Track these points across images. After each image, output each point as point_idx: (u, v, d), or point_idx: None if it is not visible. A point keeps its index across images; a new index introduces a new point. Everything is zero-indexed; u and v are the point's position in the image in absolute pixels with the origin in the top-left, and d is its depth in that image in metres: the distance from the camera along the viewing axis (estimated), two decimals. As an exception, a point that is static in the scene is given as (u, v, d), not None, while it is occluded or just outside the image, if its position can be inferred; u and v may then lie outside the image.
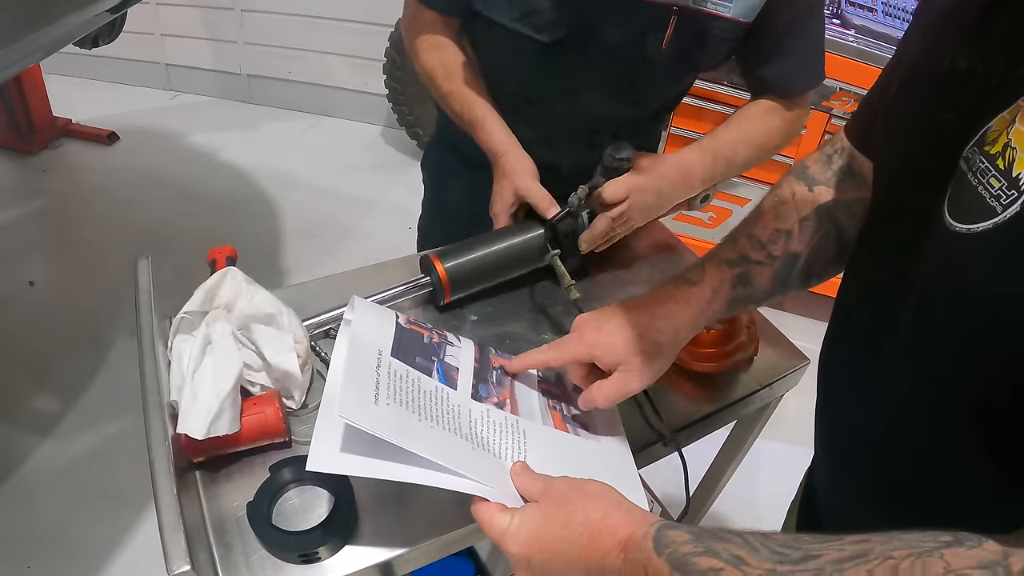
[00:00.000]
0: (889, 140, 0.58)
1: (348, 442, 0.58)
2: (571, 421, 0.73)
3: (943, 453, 0.49)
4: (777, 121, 1.00)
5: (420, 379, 0.67)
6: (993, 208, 0.40)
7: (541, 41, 0.92)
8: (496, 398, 0.71)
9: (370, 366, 0.64)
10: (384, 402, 0.60)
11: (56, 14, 1.30)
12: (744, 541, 0.44)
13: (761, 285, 0.70)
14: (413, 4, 1.01)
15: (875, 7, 1.92)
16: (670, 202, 0.97)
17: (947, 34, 0.50)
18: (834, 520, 0.65)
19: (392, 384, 0.63)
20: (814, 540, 0.43)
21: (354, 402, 0.58)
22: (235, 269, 0.82)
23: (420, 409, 0.63)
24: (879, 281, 0.53)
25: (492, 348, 0.80)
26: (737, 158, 0.99)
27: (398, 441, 0.56)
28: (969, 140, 0.44)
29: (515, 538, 0.53)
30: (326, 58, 3.13)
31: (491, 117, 0.98)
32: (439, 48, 1.01)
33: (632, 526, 0.50)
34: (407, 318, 0.77)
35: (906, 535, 0.40)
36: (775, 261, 0.70)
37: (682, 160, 0.95)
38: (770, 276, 0.70)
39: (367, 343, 0.67)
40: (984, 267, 0.41)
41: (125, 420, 1.83)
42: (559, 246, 0.92)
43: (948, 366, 0.46)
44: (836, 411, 0.62)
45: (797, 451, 0.74)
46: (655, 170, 0.92)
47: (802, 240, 0.69)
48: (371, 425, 0.56)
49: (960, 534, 0.38)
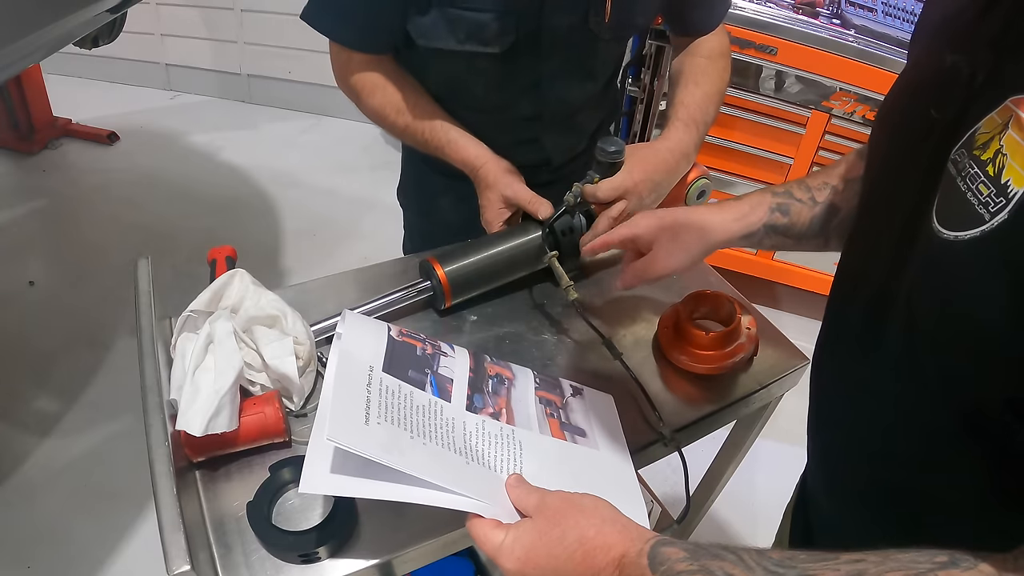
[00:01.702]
0: (880, 138, 0.58)
1: (339, 463, 0.57)
2: (569, 428, 0.73)
3: (935, 461, 0.48)
4: (721, 61, 1.06)
5: (413, 394, 0.67)
6: (981, 216, 0.40)
7: (493, 53, 0.92)
8: (492, 408, 0.71)
9: (360, 384, 0.63)
10: (375, 421, 0.59)
11: (56, 14, 1.30)
12: (739, 559, 0.44)
13: (800, 221, 0.75)
14: (338, 49, 0.99)
15: (875, 7, 1.92)
16: (668, 189, 0.98)
17: (944, 38, 0.50)
18: (827, 524, 0.65)
19: (383, 401, 0.63)
20: (810, 559, 0.42)
21: (343, 424, 0.57)
22: (243, 271, 0.82)
23: (412, 426, 0.62)
24: (868, 286, 0.53)
25: (488, 356, 0.79)
26: (708, 116, 1.02)
27: (389, 462, 0.55)
28: (957, 140, 0.44)
29: (509, 554, 0.53)
30: (326, 58, 3.11)
31: (457, 135, 0.98)
32: (380, 88, 0.99)
33: (627, 543, 0.50)
34: (400, 330, 0.76)
35: (901, 555, 0.40)
36: (816, 206, 0.75)
37: (671, 145, 0.97)
38: (809, 217, 0.75)
39: (358, 359, 0.67)
40: (971, 275, 0.41)
41: (125, 420, 1.83)
42: (558, 247, 0.92)
43: (937, 375, 0.45)
44: (827, 417, 0.62)
45: (796, 451, 0.74)
46: (649, 162, 0.93)
47: (845, 197, 0.73)
48: (361, 447, 0.55)
49: (956, 554, 0.38)
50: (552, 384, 0.79)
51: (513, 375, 0.78)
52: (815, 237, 0.75)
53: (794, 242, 0.76)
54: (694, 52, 1.06)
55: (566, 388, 0.79)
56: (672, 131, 0.99)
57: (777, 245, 0.78)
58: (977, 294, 0.40)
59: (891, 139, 0.56)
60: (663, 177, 0.95)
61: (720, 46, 1.07)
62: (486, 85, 0.98)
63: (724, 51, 1.08)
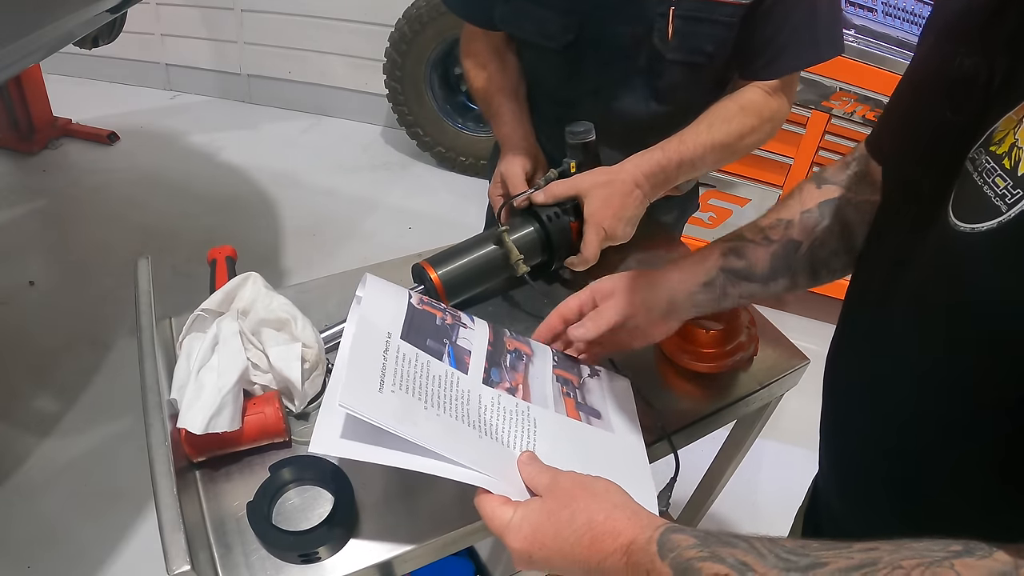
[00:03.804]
0: (895, 142, 0.58)
1: (350, 428, 0.57)
2: (585, 408, 0.72)
3: (953, 460, 0.48)
4: (752, 120, 0.98)
5: (430, 363, 0.66)
6: (998, 207, 0.40)
7: (555, 50, 0.98)
8: (508, 383, 0.70)
9: (377, 350, 0.63)
10: (389, 389, 0.59)
11: (56, 14, 1.30)
12: (751, 546, 0.44)
13: (757, 262, 0.72)
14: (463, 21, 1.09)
15: (875, 7, 1.92)
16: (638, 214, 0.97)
17: (955, 38, 0.50)
18: (840, 528, 0.65)
19: (399, 369, 0.63)
20: (822, 547, 0.42)
21: (356, 390, 0.57)
22: (256, 275, 0.83)
23: (427, 395, 0.62)
24: (884, 284, 0.53)
25: (507, 331, 0.79)
26: (702, 163, 0.98)
27: (401, 432, 0.55)
28: (975, 141, 0.44)
29: (517, 533, 0.53)
30: (326, 58, 3.13)
31: (507, 112, 1.06)
32: (476, 56, 1.09)
33: (636, 529, 0.49)
34: (420, 297, 0.75)
35: (915, 543, 0.39)
36: (772, 244, 0.72)
37: (635, 175, 0.94)
38: (767, 256, 0.72)
39: (377, 325, 0.66)
40: (988, 266, 0.41)
41: (125, 420, 1.83)
42: (548, 239, 0.93)
43: (955, 369, 0.45)
44: (843, 418, 0.61)
45: (797, 451, 0.75)
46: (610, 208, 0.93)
47: (803, 230, 0.71)
48: (373, 414, 0.55)
49: (970, 543, 0.38)
50: (571, 363, 0.78)
51: (532, 351, 0.77)
52: (780, 276, 0.72)
53: (761, 286, 0.73)
54: (734, 97, 0.99)
55: (583, 369, 0.78)
56: (641, 155, 0.96)
57: (746, 295, 0.74)
58: (994, 285, 0.40)
59: (903, 141, 0.55)
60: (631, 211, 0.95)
61: (763, 105, 0.98)
62: (555, 79, 1.05)
63: (763, 112, 0.98)
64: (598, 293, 0.77)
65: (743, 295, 0.73)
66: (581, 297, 0.77)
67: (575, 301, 0.77)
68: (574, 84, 1.02)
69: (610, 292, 0.75)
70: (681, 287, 0.73)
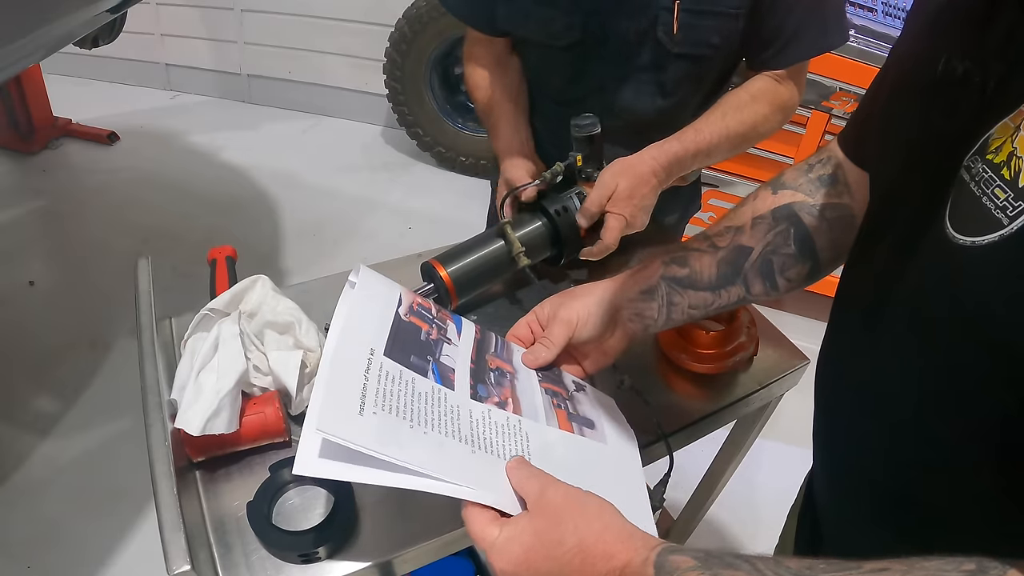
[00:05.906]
0: (884, 148, 0.57)
1: (330, 449, 0.55)
2: (578, 419, 0.71)
3: (947, 468, 0.47)
4: (765, 108, 0.99)
5: (415, 380, 0.64)
6: (999, 220, 0.39)
7: (561, 48, 0.98)
8: (497, 398, 0.69)
9: (359, 369, 0.61)
10: (370, 411, 0.57)
11: (56, 14, 1.30)
12: (753, 568, 0.42)
13: (703, 269, 0.70)
14: (467, 27, 1.09)
15: (875, 7, 1.92)
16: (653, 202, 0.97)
17: (939, 36, 0.49)
18: (833, 527, 0.65)
19: (382, 388, 0.61)
20: (829, 567, 0.41)
21: (334, 414, 0.55)
22: (264, 277, 0.83)
23: (414, 413, 0.60)
24: (875, 292, 0.52)
25: (492, 343, 0.78)
26: (717, 152, 0.99)
27: (382, 454, 0.54)
28: (970, 148, 0.43)
29: (503, 554, 0.51)
30: (326, 58, 3.13)
31: (506, 124, 1.07)
32: (477, 62, 1.10)
33: (630, 552, 0.47)
34: (410, 304, 0.74)
35: (927, 562, 0.38)
36: (719, 251, 0.70)
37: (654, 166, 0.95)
38: (713, 263, 0.70)
39: (360, 337, 0.65)
40: (990, 281, 0.40)
41: (125, 420, 1.83)
42: (557, 232, 0.94)
43: (950, 380, 0.44)
44: (834, 422, 0.61)
45: (797, 451, 0.74)
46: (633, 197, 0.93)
47: (754, 236, 0.69)
48: (353, 438, 0.53)
49: (983, 561, 0.37)
50: (555, 377, 0.77)
51: (515, 369, 0.76)
52: (730, 284, 0.70)
53: (711, 294, 0.71)
54: (746, 86, 1.01)
55: (569, 383, 0.77)
56: (659, 145, 0.96)
57: (697, 304, 0.71)
58: (997, 299, 0.39)
59: (889, 145, 0.55)
60: (650, 199, 0.95)
61: (775, 94, 0.99)
62: (561, 79, 1.05)
63: (775, 100, 0.99)
64: (541, 315, 0.76)
65: (694, 305, 0.71)
66: (528, 320, 0.77)
67: (524, 329, 0.77)
68: (580, 82, 1.02)
69: (552, 312, 0.75)
70: (620, 294, 0.72)
